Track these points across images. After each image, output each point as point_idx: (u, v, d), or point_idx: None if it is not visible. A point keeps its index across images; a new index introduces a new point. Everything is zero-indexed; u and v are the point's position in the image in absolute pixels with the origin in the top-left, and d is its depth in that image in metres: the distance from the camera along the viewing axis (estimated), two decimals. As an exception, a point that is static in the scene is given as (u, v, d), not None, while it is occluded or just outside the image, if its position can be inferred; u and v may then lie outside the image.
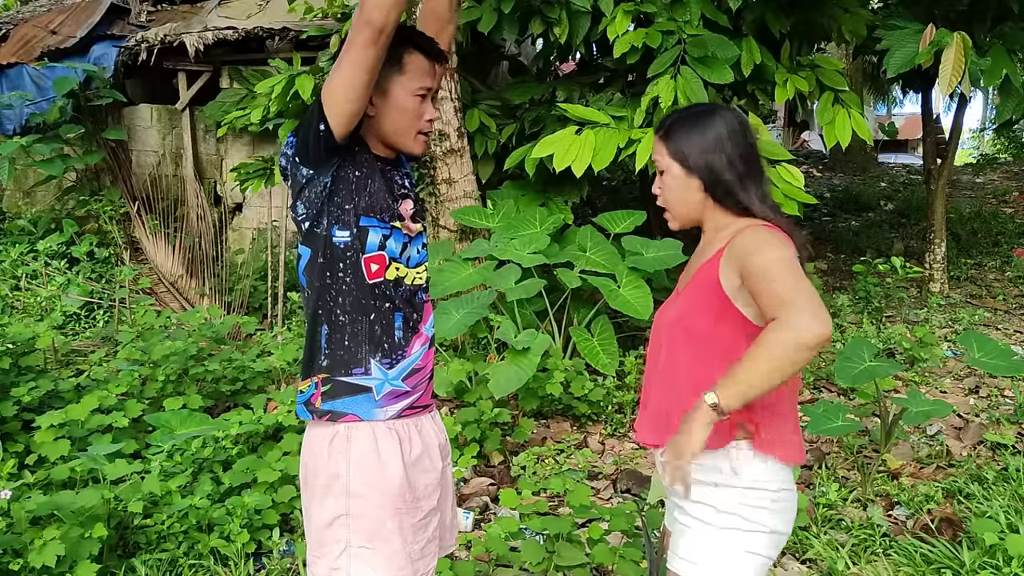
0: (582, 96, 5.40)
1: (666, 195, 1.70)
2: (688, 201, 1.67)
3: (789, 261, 1.49)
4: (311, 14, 6.96)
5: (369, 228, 1.59)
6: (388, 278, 1.62)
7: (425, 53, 1.64)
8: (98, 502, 2.70)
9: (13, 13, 9.97)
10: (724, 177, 1.62)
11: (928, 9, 5.52)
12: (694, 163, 1.63)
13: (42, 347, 4.15)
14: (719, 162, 1.62)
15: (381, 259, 1.61)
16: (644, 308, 4.51)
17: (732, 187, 1.62)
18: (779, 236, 1.56)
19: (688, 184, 1.65)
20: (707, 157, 1.62)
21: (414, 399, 1.68)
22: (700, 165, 1.63)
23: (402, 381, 1.64)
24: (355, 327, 1.60)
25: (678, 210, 1.70)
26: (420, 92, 1.64)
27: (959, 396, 4.53)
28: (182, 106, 8.20)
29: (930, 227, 6.43)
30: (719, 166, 1.62)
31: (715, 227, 1.67)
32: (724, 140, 1.62)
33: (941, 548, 2.87)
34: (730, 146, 1.62)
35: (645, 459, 3.93)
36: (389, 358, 1.62)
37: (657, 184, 1.72)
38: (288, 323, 5.86)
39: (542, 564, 2.60)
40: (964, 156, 17.95)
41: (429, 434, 1.73)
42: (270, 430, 3.51)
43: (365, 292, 1.60)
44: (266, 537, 3.03)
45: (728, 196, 1.63)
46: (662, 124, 1.70)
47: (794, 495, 1.64)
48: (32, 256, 7.26)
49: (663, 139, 1.68)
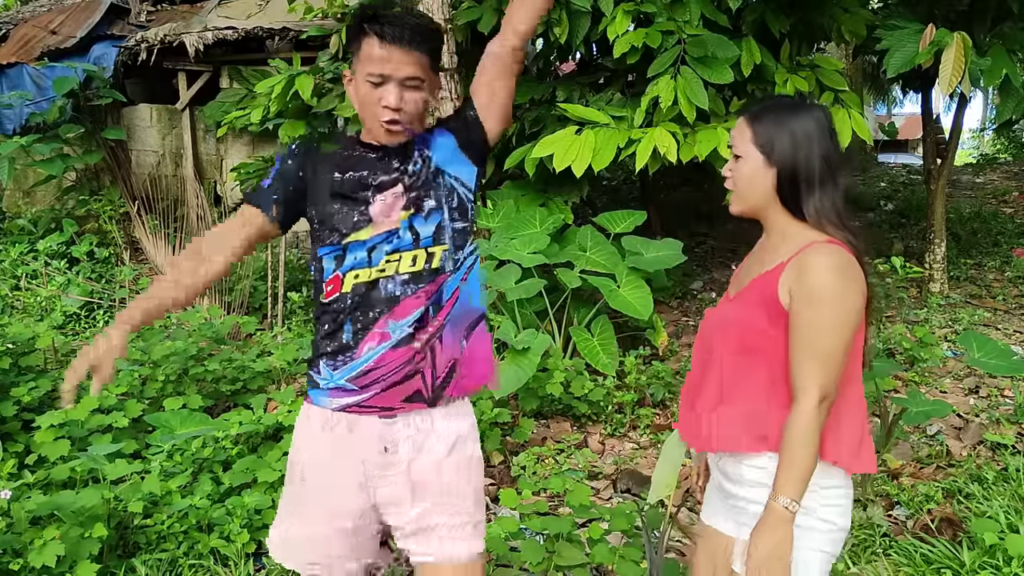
0: (582, 96, 5.40)
1: (737, 181, 1.63)
2: (759, 193, 1.60)
3: (837, 327, 1.50)
4: (311, 14, 6.97)
5: (323, 257, 1.74)
6: (344, 291, 1.71)
7: (379, 37, 1.62)
8: (98, 502, 2.69)
9: (13, 13, 9.98)
10: (801, 178, 1.56)
11: (928, 9, 5.51)
12: (778, 155, 1.56)
13: (42, 347, 4.14)
14: (801, 161, 1.55)
15: (335, 279, 1.73)
16: (644, 308, 4.51)
17: (800, 189, 1.56)
18: (846, 272, 1.51)
19: (766, 175, 1.58)
20: (793, 153, 1.55)
21: (363, 398, 1.71)
22: (783, 159, 1.56)
23: (347, 381, 1.71)
24: (316, 333, 1.79)
25: (747, 197, 1.62)
26: (370, 78, 1.64)
27: (959, 396, 4.53)
28: (182, 106, 8.21)
29: (930, 227, 6.42)
30: (801, 165, 1.55)
31: (780, 231, 1.61)
32: (814, 138, 1.55)
33: (941, 548, 2.87)
34: (817, 147, 1.55)
35: (645, 459, 3.93)
36: (334, 360, 1.72)
37: (729, 167, 1.65)
38: (288, 323, 5.86)
39: (542, 564, 2.60)
40: (964, 156, 17.95)
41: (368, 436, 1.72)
42: (270, 430, 3.51)
43: (320, 308, 1.76)
44: (266, 537, 3.03)
45: (795, 200, 1.57)
46: (750, 107, 1.64)
47: (848, 489, 1.62)
48: (32, 256, 7.26)
49: (750, 123, 1.60)
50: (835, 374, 1.51)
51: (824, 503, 1.58)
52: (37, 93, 7.97)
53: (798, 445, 1.50)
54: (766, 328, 1.57)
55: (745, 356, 1.60)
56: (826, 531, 1.59)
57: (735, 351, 1.62)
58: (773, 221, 1.62)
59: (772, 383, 1.58)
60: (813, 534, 1.58)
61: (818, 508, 1.57)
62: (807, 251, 1.54)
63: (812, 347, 1.51)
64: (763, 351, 1.58)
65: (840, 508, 1.60)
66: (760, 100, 1.67)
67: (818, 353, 1.50)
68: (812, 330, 1.51)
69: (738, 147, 1.61)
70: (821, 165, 1.55)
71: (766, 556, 1.51)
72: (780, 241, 1.61)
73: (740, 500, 1.65)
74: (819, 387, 1.50)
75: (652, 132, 4.45)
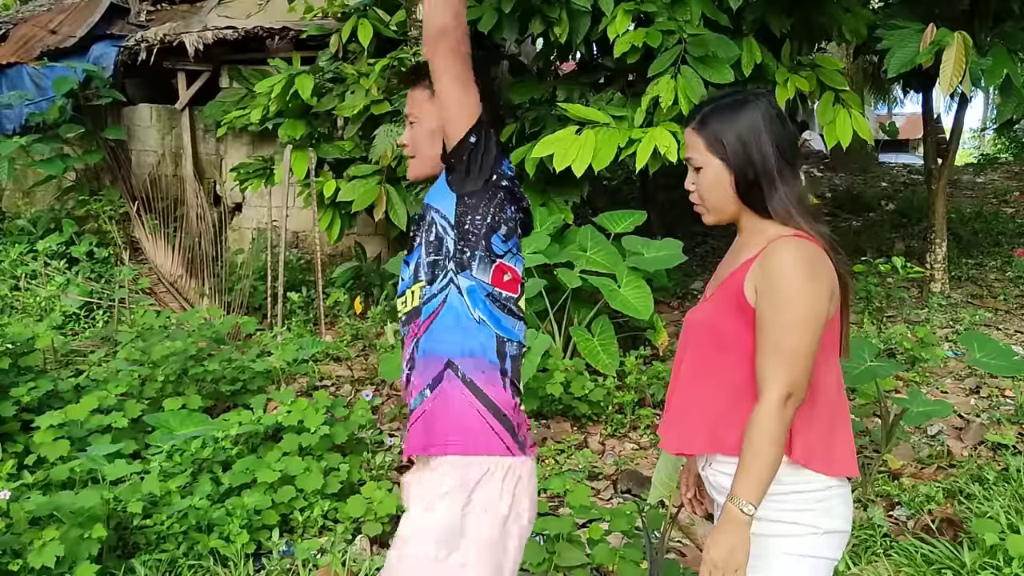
0: (582, 96, 5.39)
1: (701, 192, 1.59)
2: (726, 197, 1.57)
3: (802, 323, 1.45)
4: (311, 14, 6.97)
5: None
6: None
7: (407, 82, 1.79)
8: (97, 502, 2.69)
9: (13, 13, 9.97)
10: (754, 176, 1.52)
11: (929, 9, 5.50)
12: (731, 155, 1.53)
13: (41, 347, 4.14)
14: (755, 155, 1.52)
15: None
16: (644, 308, 4.50)
17: (761, 188, 1.53)
18: (812, 266, 1.48)
19: (726, 181, 1.55)
20: (744, 149, 1.52)
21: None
22: (736, 158, 1.53)
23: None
24: None
25: (715, 205, 1.59)
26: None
27: (960, 396, 4.52)
28: (182, 106, 8.20)
29: (931, 227, 6.41)
30: (755, 160, 1.52)
31: (750, 229, 1.59)
32: (761, 130, 1.52)
33: (942, 548, 2.86)
34: (767, 137, 1.52)
35: (645, 460, 3.92)
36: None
37: (690, 180, 1.61)
38: (288, 323, 5.86)
39: (542, 564, 2.60)
40: (965, 156, 17.93)
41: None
42: (270, 430, 3.50)
43: None
44: (266, 538, 3.03)
45: (754, 197, 1.54)
46: (694, 115, 1.59)
47: (844, 490, 1.56)
48: (32, 256, 7.26)
49: (698, 131, 1.56)
50: (802, 371, 1.46)
51: (796, 507, 1.51)
52: (37, 93, 7.97)
53: (758, 444, 1.44)
54: (737, 328, 1.54)
55: (719, 356, 1.57)
56: (802, 535, 1.51)
57: (709, 352, 1.58)
58: (744, 222, 1.60)
59: (747, 384, 1.53)
60: (788, 541, 1.52)
61: (784, 514, 1.51)
62: (772, 246, 1.50)
63: (776, 344, 1.46)
64: (735, 351, 1.54)
65: (816, 512, 1.52)
66: (699, 105, 1.61)
67: (782, 350, 1.45)
68: (776, 327, 1.47)
69: (695, 159, 1.58)
70: (775, 156, 1.52)
71: (719, 561, 1.46)
72: (749, 238, 1.58)
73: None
74: (783, 384, 1.44)
75: (652, 132, 4.44)
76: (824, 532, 1.53)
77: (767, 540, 1.51)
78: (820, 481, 1.52)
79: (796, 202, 1.53)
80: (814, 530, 1.52)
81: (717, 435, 1.56)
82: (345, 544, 3.03)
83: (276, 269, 5.82)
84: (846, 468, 1.54)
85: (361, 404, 3.74)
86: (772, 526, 1.51)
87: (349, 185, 5.60)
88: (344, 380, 4.98)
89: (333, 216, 5.82)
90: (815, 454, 1.51)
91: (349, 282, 6.50)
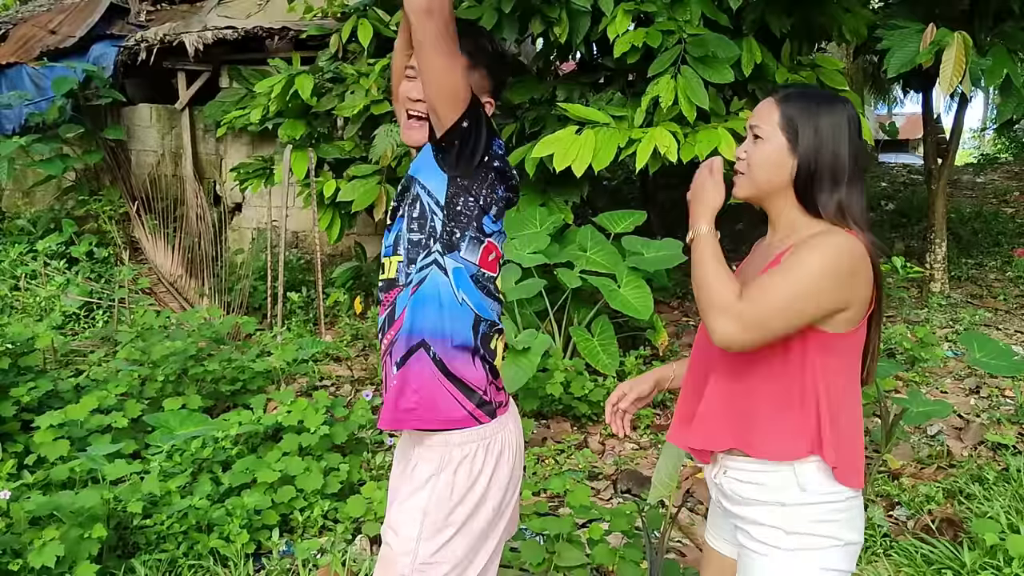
0: (582, 96, 5.39)
1: (752, 162, 1.52)
2: (775, 180, 1.51)
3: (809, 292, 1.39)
4: (311, 14, 6.96)
5: None
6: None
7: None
8: (97, 502, 2.69)
9: (12, 13, 9.97)
10: (824, 173, 1.47)
11: (929, 9, 5.50)
12: (803, 145, 1.47)
13: (41, 347, 4.14)
14: (827, 156, 1.46)
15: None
16: (644, 308, 4.50)
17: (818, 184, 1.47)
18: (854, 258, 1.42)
19: (786, 162, 1.49)
20: (819, 145, 1.47)
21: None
22: (807, 150, 1.47)
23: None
24: None
25: (759, 180, 1.52)
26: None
27: (960, 396, 4.52)
28: (181, 106, 8.20)
29: (931, 227, 6.42)
30: (826, 160, 1.47)
31: (789, 224, 1.53)
32: (843, 134, 1.47)
33: (942, 548, 2.86)
34: (847, 144, 1.47)
35: (645, 460, 3.93)
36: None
37: (744, 147, 1.55)
38: (288, 323, 5.86)
39: (542, 564, 2.60)
40: (965, 156, 17.94)
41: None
42: (270, 430, 3.50)
43: None
44: (266, 537, 3.03)
45: (808, 191, 1.48)
46: (780, 89, 1.54)
47: (861, 501, 1.54)
48: (31, 256, 7.25)
49: (779, 104, 1.51)
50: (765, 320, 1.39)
51: (815, 518, 1.49)
52: (36, 93, 7.97)
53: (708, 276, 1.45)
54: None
55: (762, 358, 1.50)
56: (823, 548, 1.49)
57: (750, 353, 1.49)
58: (781, 212, 1.54)
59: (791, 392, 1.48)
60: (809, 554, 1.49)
61: (808, 525, 1.49)
62: (819, 232, 1.45)
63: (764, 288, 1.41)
64: (760, 351, 1.47)
65: (838, 523, 1.50)
66: (789, 85, 1.61)
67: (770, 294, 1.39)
68: (779, 278, 1.40)
69: (761, 127, 1.51)
70: (851, 164, 1.48)
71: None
72: (788, 235, 1.53)
73: (738, 519, 1.58)
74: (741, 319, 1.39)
75: (652, 132, 4.44)
76: (844, 544, 1.51)
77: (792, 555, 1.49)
78: (844, 492, 1.50)
79: (858, 209, 1.49)
80: (836, 542, 1.50)
81: (747, 436, 1.52)
82: (345, 544, 3.03)
83: (276, 269, 5.82)
84: (862, 481, 1.53)
85: (361, 404, 3.74)
86: (799, 539, 1.49)
87: (349, 185, 5.61)
88: (344, 380, 4.98)
89: (333, 216, 5.82)
90: (843, 465, 1.49)
91: (349, 282, 6.51)
